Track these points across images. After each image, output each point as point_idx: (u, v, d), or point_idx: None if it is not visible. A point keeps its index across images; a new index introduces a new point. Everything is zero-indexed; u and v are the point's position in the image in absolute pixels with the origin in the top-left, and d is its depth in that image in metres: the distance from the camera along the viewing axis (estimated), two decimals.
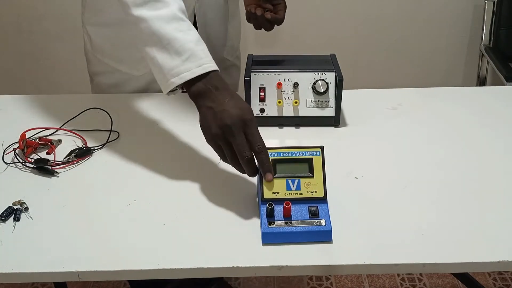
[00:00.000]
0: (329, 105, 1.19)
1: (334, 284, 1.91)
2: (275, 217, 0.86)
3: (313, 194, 0.88)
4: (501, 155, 1.10)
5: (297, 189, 0.88)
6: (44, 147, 1.13)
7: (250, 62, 1.23)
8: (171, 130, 1.19)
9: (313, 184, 0.88)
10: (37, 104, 1.32)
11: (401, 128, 1.21)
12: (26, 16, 2.53)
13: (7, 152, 1.11)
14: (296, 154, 0.89)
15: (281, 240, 0.85)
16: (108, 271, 0.82)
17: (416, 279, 1.92)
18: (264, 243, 0.86)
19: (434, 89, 1.39)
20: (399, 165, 1.07)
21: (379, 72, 2.61)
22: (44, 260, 0.83)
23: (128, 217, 0.93)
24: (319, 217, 0.86)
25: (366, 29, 2.53)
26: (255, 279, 1.95)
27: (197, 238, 0.88)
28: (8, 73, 2.66)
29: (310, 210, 0.86)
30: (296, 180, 0.88)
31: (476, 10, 2.48)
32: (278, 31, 2.51)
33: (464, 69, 2.63)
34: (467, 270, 1.23)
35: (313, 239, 0.85)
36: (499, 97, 1.36)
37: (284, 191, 0.88)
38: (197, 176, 1.04)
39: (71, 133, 1.18)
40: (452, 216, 0.92)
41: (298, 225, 0.85)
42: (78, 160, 1.08)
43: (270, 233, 0.85)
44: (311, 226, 0.85)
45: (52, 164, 1.06)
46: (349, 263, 0.83)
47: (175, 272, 0.82)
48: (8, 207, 0.94)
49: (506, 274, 1.94)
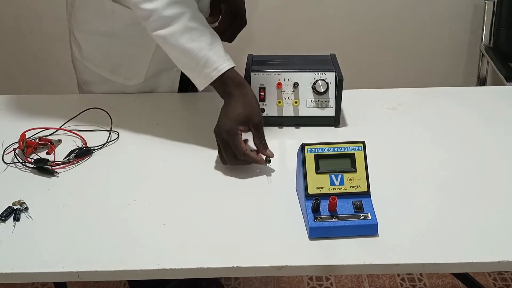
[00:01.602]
0: (329, 105, 1.19)
1: (334, 284, 1.91)
2: (321, 212, 0.87)
3: (356, 189, 0.89)
4: (501, 155, 1.10)
5: (340, 184, 0.89)
6: (44, 147, 1.13)
7: (250, 62, 1.23)
8: (171, 130, 1.19)
9: (356, 179, 0.89)
10: (37, 104, 1.32)
11: (401, 128, 1.21)
12: (26, 16, 2.53)
13: (7, 152, 1.11)
14: (338, 149, 0.90)
15: (328, 235, 0.86)
16: (108, 271, 0.82)
17: (416, 279, 1.92)
18: (311, 237, 0.87)
19: (434, 89, 1.39)
20: (399, 165, 1.07)
21: (379, 72, 2.61)
22: (44, 260, 0.83)
23: (128, 217, 0.93)
24: (364, 211, 0.87)
25: (366, 29, 2.53)
26: (255, 279, 1.94)
27: (197, 238, 0.88)
28: (8, 73, 2.66)
29: (355, 205, 0.88)
30: (340, 175, 0.89)
31: (476, 10, 2.48)
32: (278, 31, 2.52)
33: (464, 69, 2.63)
34: (467, 270, 1.23)
35: (359, 233, 0.87)
36: (499, 97, 1.36)
37: (328, 186, 0.89)
38: (197, 176, 1.04)
39: (71, 133, 1.18)
40: (452, 216, 0.92)
41: (344, 220, 0.87)
42: (78, 160, 1.08)
43: (317, 227, 0.86)
44: (357, 220, 0.87)
45: (52, 164, 1.06)
46: (349, 263, 0.83)
47: (175, 272, 0.82)
48: (8, 207, 0.94)
49: (506, 274, 1.93)
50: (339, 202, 0.88)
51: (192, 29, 1.05)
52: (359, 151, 0.90)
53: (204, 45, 1.04)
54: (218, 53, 1.06)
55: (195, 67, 1.06)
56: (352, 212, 0.88)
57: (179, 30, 1.04)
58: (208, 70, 1.04)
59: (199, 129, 1.18)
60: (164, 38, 1.06)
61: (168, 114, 1.27)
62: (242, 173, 1.04)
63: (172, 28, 1.04)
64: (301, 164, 0.90)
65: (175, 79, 1.35)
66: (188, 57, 1.05)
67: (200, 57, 1.04)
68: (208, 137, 1.15)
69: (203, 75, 1.05)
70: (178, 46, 1.05)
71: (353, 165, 0.90)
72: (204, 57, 1.04)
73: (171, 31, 1.05)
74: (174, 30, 1.04)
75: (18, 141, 1.12)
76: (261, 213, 0.93)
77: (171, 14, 1.04)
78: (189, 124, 1.20)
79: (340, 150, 0.90)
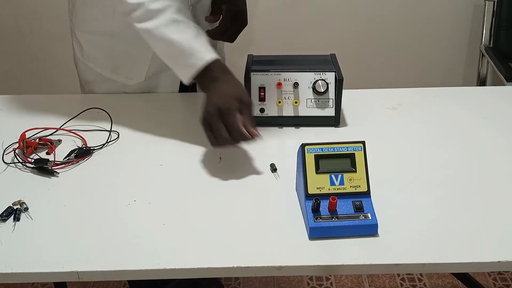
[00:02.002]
0: (329, 105, 1.19)
1: (334, 284, 1.91)
2: (321, 212, 0.87)
3: (356, 189, 0.89)
4: (501, 155, 1.10)
5: (340, 184, 0.89)
6: (44, 147, 1.13)
7: (250, 62, 1.23)
8: (171, 130, 1.19)
9: (356, 179, 0.89)
10: (37, 104, 1.32)
11: (401, 128, 1.21)
12: (26, 16, 2.53)
13: (7, 152, 1.11)
14: (338, 149, 0.90)
15: (328, 235, 0.86)
16: (108, 271, 0.82)
17: (416, 279, 1.92)
18: (311, 237, 0.87)
19: (434, 89, 1.39)
20: (399, 165, 1.07)
21: (379, 72, 2.61)
22: (44, 260, 0.83)
23: (128, 217, 0.93)
24: (364, 211, 0.87)
25: (366, 29, 2.53)
26: (255, 279, 1.94)
27: (197, 238, 0.88)
28: (8, 73, 2.66)
29: (355, 205, 0.88)
30: (340, 175, 0.89)
31: (476, 10, 2.48)
32: (278, 31, 2.52)
33: (464, 69, 2.63)
34: (467, 270, 1.23)
35: (359, 233, 0.87)
36: (499, 97, 1.36)
37: (328, 186, 0.89)
38: (197, 176, 1.04)
39: (71, 133, 1.18)
40: (452, 216, 0.92)
41: (344, 220, 0.87)
42: (78, 160, 1.08)
43: (317, 227, 0.86)
44: (357, 220, 0.87)
45: (52, 164, 1.06)
46: (349, 263, 0.83)
47: (175, 272, 0.82)
48: (8, 207, 0.94)
49: (506, 274, 1.93)
50: (339, 202, 0.88)
51: (178, 21, 1.06)
52: (359, 151, 0.90)
53: (189, 37, 1.06)
54: (204, 44, 1.07)
55: (180, 58, 1.06)
56: (352, 212, 0.88)
57: (165, 22, 1.06)
58: (192, 60, 1.04)
59: (199, 129, 1.18)
60: (149, 30, 1.07)
61: (168, 114, 1.27)
62: (242, 173, 1.04)
63: (158, 20, 1.06)
64: (301, 164, 0.90)
65: (176, 78, 1.35)
66: (173, 48, 1.06)
67: (185, 48, 1.05)
68: None
69: (188, 65, 1.05)
70: (163, 38, 1.06)
71: (353, 165, 0.90)
72: (189, 47, 1.05)
73: (156, 23, 1.06)
74: (159, 22, 1.06)
75: (18, 141, 1.12)
76: (261, 213, 0.93)
77: (157, 7, 1.06)
78: (189, 124, 1.20)
79: (340, 150, 0.90)
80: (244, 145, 1.07)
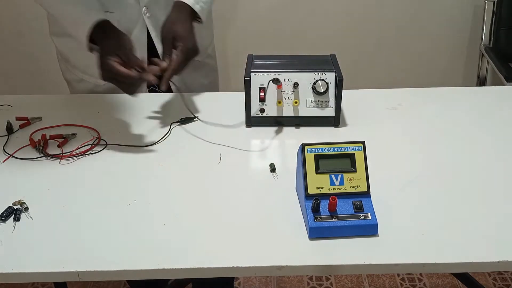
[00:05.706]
0: (329, 105, 1.19)
1: (334, 284, 1.91)
2: (321, 212, 0.87)
3: (356, 189, 0.89)
4: (501, 155, 1.10)
5: (340, 184, 0.89)
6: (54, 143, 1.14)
7: (250, 62, 1.23)
8: (171, 130, 1.19)
9: (356, 179, 0.89)
10: (37, 104, 1.32)
11: (401, 128, 1.21)
12: (26, 16, 2.53)
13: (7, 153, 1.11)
14: (338, 149, 0.90)
15: (327, 235, 0.86)
16: (108, 271, 0.82)
17: (416, 279, 1.92)
18: (311, 237, 0.87)
19: (434, 89, 1.39)
20: (399, 165, 1.07)
21: (379, 72, 2.61)
22: (44, 260, 0.83)
23: (128, 217, 0.93)
24: (364, 211, 0.88)
25: (366, 29, 2.53)
26: (255, 279, 1.95)
27: (197, 238, 0.88)
28: (8, 73, 2.66)
29: (355, 205, 0.88)
30: (339, 175, 0.89)
31: (476, 10, 2.48)
32: (278, 31, 2.52)
33: (464, 69, 2.63)
34: (467, 270, 1.23)
35: (359, 233, 0.87)
36: (499, 97, 1.36)
37: (328, 186, 0.89)
38: (197, 176, 1.04)
39: (82, 127, 1.18)
40: (452, 216, 0.92)
41: (344, 220, 0.87)
42: (84, 152, 1.10)
43: (317, 227, 0.86)
44: (357, 220, 0.87)
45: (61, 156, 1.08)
46: (349, 263, 0.83)
47: (175, 272, 0.82)
48: (8, 207, 0.94)
49: (506, 274, 1.94)
50: (339, 202, 0.88)
51: None
52: (359, 151, 0.90)
53: None
54: None
55: (77, 27, 1.14)
56: (352, 212, 0.88)
57: None
58: None
59: (199, 129, 1.18)
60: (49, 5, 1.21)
61: (168, 114, 1.27)
62: (242, 173, 1.04)
63: None
64: (301, 164, 0.90)
65: None
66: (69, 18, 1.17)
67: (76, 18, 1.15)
68: (209, 137, 1.15)
69: None
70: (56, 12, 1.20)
71: (353, 165, 0.90)
72: None
73: None
74: None
75: None
76: (261, 213, 0.93)
77: None
78: (189, 124, 1.20)
79: (340, 150, 0.90)
80: None
